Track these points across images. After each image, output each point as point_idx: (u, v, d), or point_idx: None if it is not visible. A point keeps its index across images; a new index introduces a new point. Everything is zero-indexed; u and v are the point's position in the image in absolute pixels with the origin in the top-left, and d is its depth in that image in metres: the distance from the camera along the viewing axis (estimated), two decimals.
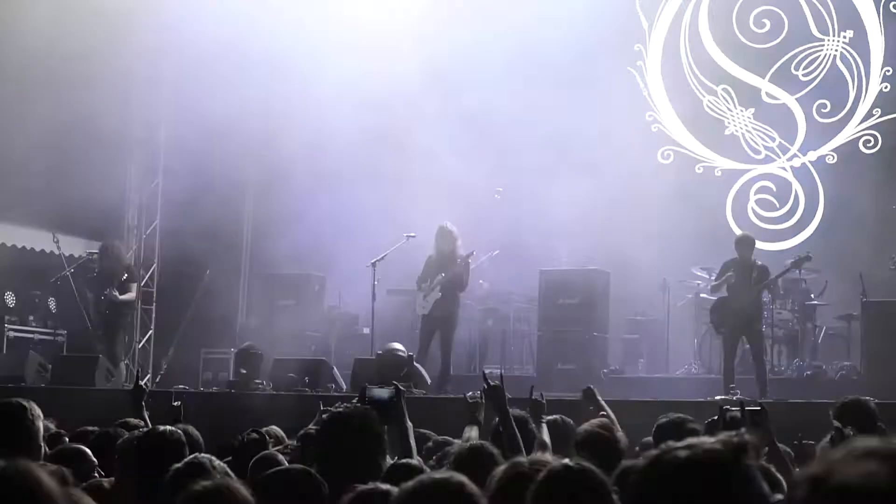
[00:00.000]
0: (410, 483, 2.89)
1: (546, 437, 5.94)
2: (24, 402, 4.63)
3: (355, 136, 16.68)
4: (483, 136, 16.40)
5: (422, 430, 6.30)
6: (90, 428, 6.52)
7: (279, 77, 16.75)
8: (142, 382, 7.24)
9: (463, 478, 2.90)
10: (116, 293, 13.94)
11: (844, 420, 6.15)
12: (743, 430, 2.41)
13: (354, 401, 5.55)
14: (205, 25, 15.96)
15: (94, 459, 5.32)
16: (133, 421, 6.68)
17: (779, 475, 4.27)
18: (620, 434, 5.49)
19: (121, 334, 14.43)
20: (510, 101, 16.53)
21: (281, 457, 5.25)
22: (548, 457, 3.65)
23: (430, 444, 6.05)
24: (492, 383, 5.82)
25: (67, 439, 6.30)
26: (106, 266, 14.16)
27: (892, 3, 15.68)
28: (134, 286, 14.50)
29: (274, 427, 7.15)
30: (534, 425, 6.04)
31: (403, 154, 16.62)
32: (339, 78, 16.63)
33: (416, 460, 4.80)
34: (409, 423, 5.27)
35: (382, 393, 5.38)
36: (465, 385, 13.14)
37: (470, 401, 6.09)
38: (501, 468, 3.39)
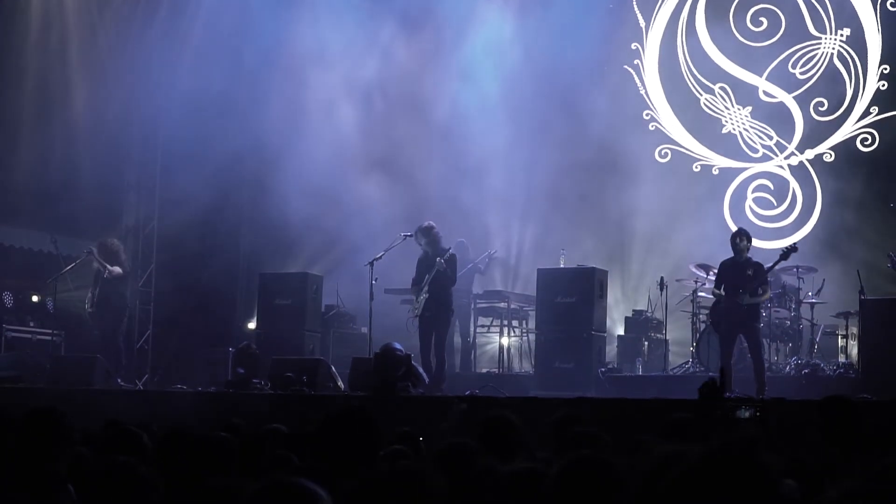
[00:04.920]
0: None
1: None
2: (58, 409, 4.67)
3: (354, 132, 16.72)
4: (481, 132, 16.42)
5: (405, 429, 6.31)
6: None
7: (277, 76, 16.77)
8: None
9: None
10: (111, 269, 14.07)
11: (829, 416, 6.13)
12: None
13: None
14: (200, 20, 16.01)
15: None
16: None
17: None
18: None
19: (121, 329, 14.44)
20: (507, 99, 16.56)
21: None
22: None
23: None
24: None
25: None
26: (103, 262, 14.19)
27: (890, 1, 15.66)
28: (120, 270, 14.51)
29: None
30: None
31: (402, 149, 16.64)
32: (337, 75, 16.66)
33: None
34: None
35: None
36: (461, 384, 13.17)
37: None
38: None
